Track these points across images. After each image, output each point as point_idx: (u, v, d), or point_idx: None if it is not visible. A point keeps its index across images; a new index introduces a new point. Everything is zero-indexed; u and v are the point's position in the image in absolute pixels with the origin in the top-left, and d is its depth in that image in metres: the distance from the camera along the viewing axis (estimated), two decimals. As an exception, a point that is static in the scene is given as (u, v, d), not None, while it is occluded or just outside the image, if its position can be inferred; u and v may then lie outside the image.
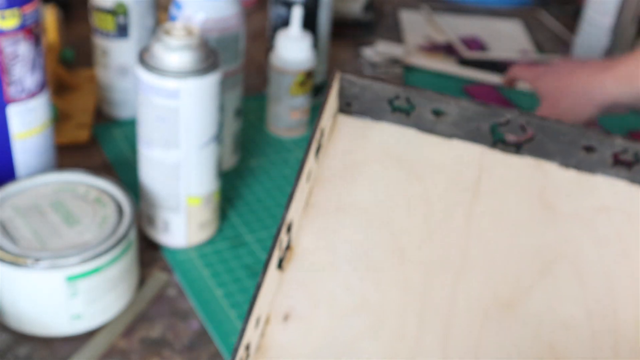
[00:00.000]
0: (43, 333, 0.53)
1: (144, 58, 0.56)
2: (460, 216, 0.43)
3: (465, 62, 0.97)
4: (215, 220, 0.64)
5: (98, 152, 0.73)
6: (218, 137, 0.60)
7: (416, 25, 1.07)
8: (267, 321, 0.39)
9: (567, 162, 0.46)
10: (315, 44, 0.80)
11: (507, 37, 1.05)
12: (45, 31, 0.77)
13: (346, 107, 0.48)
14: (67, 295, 0.51)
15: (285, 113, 0.77)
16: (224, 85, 0.65)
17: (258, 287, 0.37)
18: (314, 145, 0.42)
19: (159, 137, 0.57)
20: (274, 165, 0.74)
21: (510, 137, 0.46)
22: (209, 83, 0.56)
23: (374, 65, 0.88)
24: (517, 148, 0.46)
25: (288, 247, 0.41)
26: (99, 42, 0.74)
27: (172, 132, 0.57)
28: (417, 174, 0.44)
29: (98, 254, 0.51)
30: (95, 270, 0.51)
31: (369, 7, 1.03)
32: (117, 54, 0.74)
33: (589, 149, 0.45)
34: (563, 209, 0.43)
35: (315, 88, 0.83)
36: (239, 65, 0.68)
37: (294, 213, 0.41)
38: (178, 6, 0.65)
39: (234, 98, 0.69)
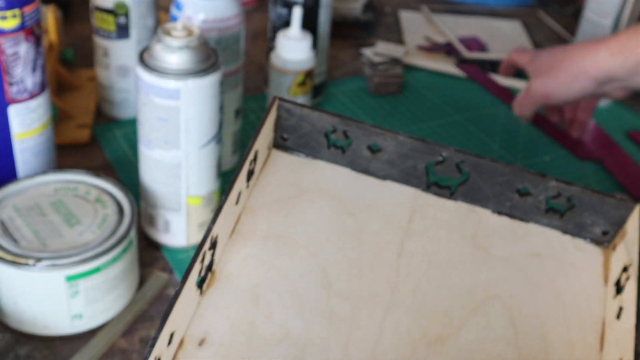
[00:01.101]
0: (43, 333, 0.53)
1: (144, 58, 0.56)
2: (391, 253, 0.42)
3: (464, 62, 0.97)
4: (215, 220, 0.64)
5: (98, 152, 0.73)
6: (218, 137, 0.60)
7: (416, 25, 1.07)
8: (181, 344, 0.37)
9: (500, 207, 0.45)
10: (315, 44, 0.80)
11: (506, 38, 1.05)
12: (46, 31, 0.78)
13: (282, 140, 0.47)
14: (67, 295, 0.51)
15: (286, 113, 0.77)
16: (224, 86, 0.65)
17: (176, 295, 0.35)
18: (245, 167, 0.41)
19: (159, 137, 0.57)
20: (274, 165, 0.74)
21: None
22: (209, 83, 0.56)
23: (374, 65, 0.88)
24: (450, 192, 0.46)
25: (210, 270, 0.39)
26: (100, 42, 0.74)
27: (173, 132, 0.57)
28: (350, 211, 0.44)
29: (98, 254, 0.51)
30: (96, 270, 0.51)
31: (369, 7, 1.03)
32: (118, 54, 0.74)
33: (523, 194, 0.44)
34: (496, 252, 0.43)
35: (315, 88, 0.83)
36: (239, 65, 0.68)
37: (220, 229, 0.39)
38: (178, 6, 0.65)
39: (234, 98, 0.69)
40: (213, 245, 0.39)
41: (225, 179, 0.71)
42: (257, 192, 0.44)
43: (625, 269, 0.41)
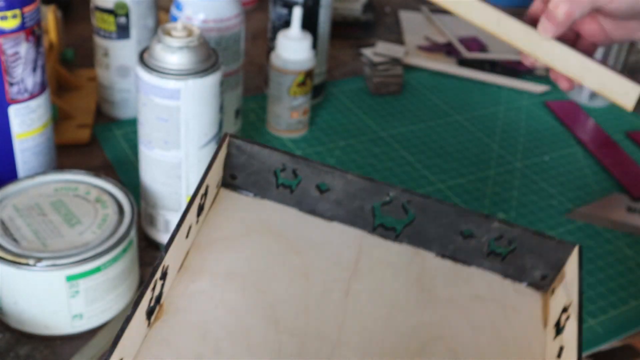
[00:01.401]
0: (44, 332, 0.53)
1: (144, 58, 0.56)
2: (338, 292, 0.43)
3: (464, 63, 0.97)
4: (215, 220, 0.64)
5: (99, 152, 0.73)
6: (218, 137, 0.60)
7: (416, 25, 1.07)
8: None
9: (444, 249, 0.46)
10: (315, 44, 0.80)
11: (506, 38, 1.05)
12: (46, 31, 0.78)
13: (231, 179, 0.47)
14: (68, 295, 0.51)
15: (285, 113, 0.77)
16: (224, 86, 0.65)
17: (127, 320, 0.35)
18: (196, 201, 0.41)
19: (159, 137, 0.57)
20: (274, 165, 0.74)
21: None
22: (209, 83, 0.56)
23: (374, 65, 0.88)
24: (396, 234, 0.47)
25: (159, 302, 0.39)
26: (100, 42, 0.74)
27: (173, 132, 0.57)
28: (297, 250, 0.44)
29: (99, 254, 0.51)
30: (96, 270, 0.52)
31: (369, 7, 1.03)
32: (118, 54, 0.74)
33: (466, 236, 0.45)
34: (440, 294, 0.44)
35: (315, 88, 0.83)
36: (239, 65, 0.68)
37: (170, 261, 0.39)
38: (179, 7, 0.65)
39: (234, 98, 0.69)
40: (164, 276, 0.39)
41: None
42: (205, 229, 0.44)
43: (564, 309, 0.42)
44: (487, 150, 0.80)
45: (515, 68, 0.96)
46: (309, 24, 0.79)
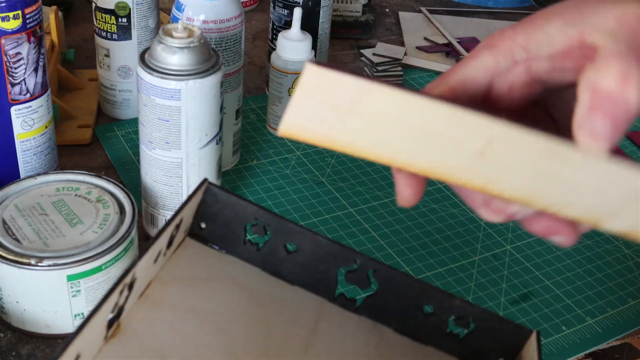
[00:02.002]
0: (45, 332, 0.53)
1: (145, 59, 0.57)
2: (298, 345, 0.43)
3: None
4: (216, 220, 0.64)
5: (100, 152, 0.74)
6: (219, 138, 0.60)
7: (415, 26, 1.07)
8: None
9: (403, 325, 0.46)
10: (315, 45, 0.81)
11: (506, 38, 1.05)
12: (48, 32, 0.78)
13: (199, 229, 0.47)
14: (69, 294, 0.52)
15: (286, 113, 0.77)
16: (225, 86, 0.66)
17: (89, 317, 0.34)
18: (170, 228, 0.41)
19: (160, 137, 0.57)
20: (274, 165, 0.74)
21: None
22: (210, 83, 0.56)
23: (373, 65, 0.88)
24: (356, 306, 0.46)
25: (118, 318, 0.39)
26: (101, 43, 0.74)
27: (174, 133, 0.57)
28: (259, 302, 0.45)
29: (100, 254, 0.51)
30: (97, 270, 0.52)
31: (368, 8, 1.03)
32: (119, 55, 0.74)
33: (427, 314, 0.45)
34: None
35: (316, 89, 0.83)
36: (239, 65, 0.68)
37: (139, 273, 0.39)
38: (179, 7, 0.65)
39: (235, 98, 0.69)
40: (130, 288, 0.39)
41: (226, 179, 0.71)
42: (168, 267, 0.44)
43: None
44: (486, 151, 0.81)
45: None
46: (309, 24, 0.79)
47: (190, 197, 0.43)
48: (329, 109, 0.27)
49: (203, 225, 0.47)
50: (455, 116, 0.29)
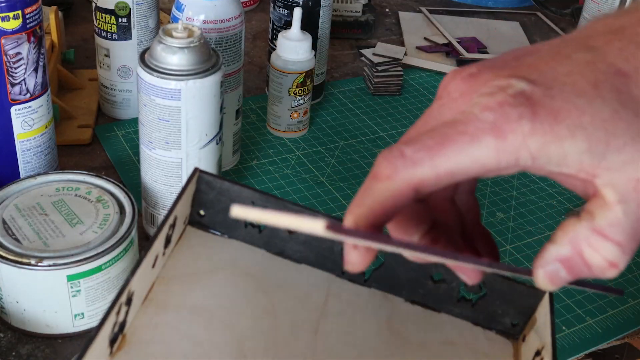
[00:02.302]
0: (45, 332, 0.53)
1: (145, 59, 0.57)
2: (306, 331, 0.42)
3: (463, 63, 0.97)
4: (216, 220, 0.64)
5: (100, 152, 0.74)
6: (219, 137, 0.60)
7: (415, 26, 1.07)
8: None
9: (414, 294, 0.45)
10: (315, 45, 0.81)
11: (505, 38, 1.05)
12: (48, 32, 0.78)
13: (198, 217, 0.46)
14: (69, 294, 0.52)
15: (286, 113, 0.77)
16: (225, 86, 0.66)
17: (88, 342, 0.34)
18: (164, 231, 0.41)
19: (160, 137, 0.57)
20: (274, 165, 0.74)
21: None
22: (210, 83, 0.56)
23: (373, 65, 0.88)
24: (364, 278, 0.46)
25: (122, 331, 0.39)
26: (101, 42, 0.74)
27: (174, 132, 0.57)
28: (265, 289, 0.44)
29: (100, 254, 0.51)
30: (97, 270, 0.52)
31: (368, 8, 1.03)
32: (119, 55, 0.74)
33: (436, 281, 0.45)
34: (410, 338, 0.44)
35: (315, 88, 0.83)
36: (239, 65, 0.68)
37: (136, 286, 0.39)
38: (179, 7, 0.65)
39: (235, 98, 0.69)
40: (129, 302, 0.38)
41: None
42: (170, 263, 0.44)
43: (537, 353, 0.41)
44: (486, 151, 0.81)
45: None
46: (309, 24, 0.79)
47: (183, 190, 0.43)
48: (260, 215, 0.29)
49: (202, 213, 0.46)
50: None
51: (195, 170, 0.45)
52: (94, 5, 0.73)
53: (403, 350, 0.43)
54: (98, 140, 0.75)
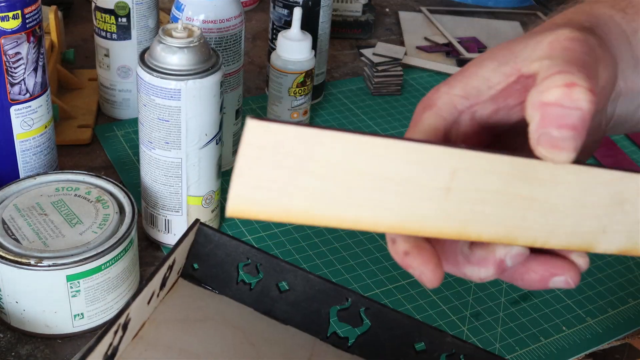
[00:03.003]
0: (45, 332, 0.53)
1: (145, 59, 0.56)
2: None
3: (464, 63, 0.97)
4: (215, 220, 0.64)
5: (99, 152, 0.73)
6: (219, 137, 0.60)
7: (415, 26, 1.07)
8: None
9: None
10: (315, 45, 0.81)
11: (506, 38, 1.05)
12: (47, 32, 0.78)
13: (192, 270, 0.47)
14: (68, 295, 0.52)
15: (286, 113, 0.77)
16: (225, 86, 0.66)
17: (85, 355, 0.34)
18: (163, 269, 0.41)
19: (160, 137, 0.57)
20: (275, 165, 0.74)
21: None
22: (209, 83, 0.56)
23: (373, 65, 0.88)
24: (348, 345, 0.46)
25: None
26: (101, 42, 0.74)
27: (173, 132, 0.57)
28: (251, 341, 0.45)
29: (99, 254, 0.51)
30: (97, 270, 0.52)
31: (368, 8, 1.03)
32: (119, 55, 0.74)
33: (418, 351, 0.45)
34: None
35: (315, 88, 0.83)
36: (239, 65, 0.68)
37: (134, 312, 0.39)
38: (179, 7, 0.65)
39: (235, 98, 0.69)
40: (124, 328, 0.39)
41: (226, 179, 0.71)
42: (162, 308, 0.44)
43: None
44: (486, 151, 0.80)
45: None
46: (309, 24, 0.79)
47: (182, 238, 0.44)
48: (278, 171, 0.24)
49: (196, 266, 0.47)
50: (413, 152, 0.26)
51: (196, 221, 0.45)
52: (93, 5, 0.72)
53: None
54: (98, 140, 0.75)
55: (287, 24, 0.78)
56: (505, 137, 0.36)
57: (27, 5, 0.55)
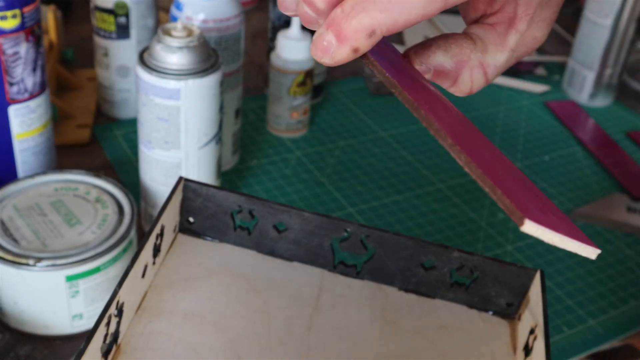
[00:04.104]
0: (44, 332, 0.53)
1: (144, 58, 0.56)
2: (300, 328, 0.43)
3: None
4: (215, 220, 0.64)
5: (98, 152, 0.73)
6: (218, 137, 0.60)
7: (416, 26, 1.07)
8: None
9: (406, 283, 0.46)
10: (315, 44, 0.80)
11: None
12: (46, 31, 0.78)
13: (188, 224, 0.47)
14: (67, 295, 0.51)
15: (285, 113, 0.77)
16: (224, 86, 0.65)
17: (79, 355, 0.34)
18: (151, 240, 0.41)
19: (159, 137, 0.57)
20: (274, 165, 0.74)
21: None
22: (209, 83, 0.56)
23: (374, 65, 0.88)
24: (357, 271, 0.47)
25: (116, 342, 0.39)
26: (100, 42, 0.74)
27: (173, 132, 0.57)
28: (257, 289, 0.45)
29: (98, 254, 0.51)
30: (96, 270, 0.52)
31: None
32: (118, 54, 0.74)
33: (427, 268, 0.45)
34: (405, 325, 0.44)
35: (315, 88, 0.83)
36: (239, 65, 0.68)
37: (126, 297, 0.39)
38: (179, 6, 0.65)
39: (234, 98, 0.69)
40: (119, 313, 0.39)
41: (225, 179, 0.71)
42: (163, 271, 0.45)
43: (531, 331, 0.42)
44: (487, 150, 0.80)
45: (515, 68, 0.96)
46: (309, 24, 0.79)
47: (168, 200, 0.44)
48: None
49: (191, 220, 0.47)
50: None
51: (180, 179, 0.45)
52: (92, 4, 0.72)
53: (398, 338, 0.43)
54: (97, 140, 0.75)
55: (287, 24, 0.77)
56: None
57: (25, 4, 0.55)
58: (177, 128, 0.56)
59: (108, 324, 0.37)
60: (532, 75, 0.96)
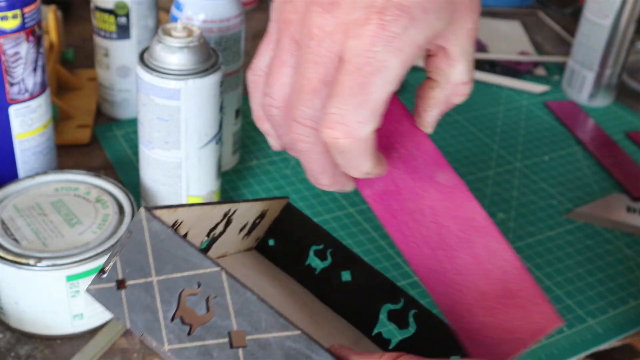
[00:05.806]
0: (44, 332, 0.53)
1: (144, 58, 0.56)
2: None
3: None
4: (215, 220, 0.64)
5: (99, 152, 0.73)
6: (218, 137, 0.60)
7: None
8: None
9: None
10: (316, 45, 0.80)
11: (506, 38, 1.05)
12: (46, 32, 0.78)
13: (266, 245, 0.49)
14: (68, 295, 0.51)
15: (286, 113, 0.77)
16: (225, 86, 0.65)
17: None
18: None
19: (159, 137, 0.57)
20: (274, 165, 0.74)
21: None
22: (209, 83, 0.56)
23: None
24: (389, 347, 0.47)
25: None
26: (100, 42, 0.74)
27: (173, 132, 0.57)
28: (310, 312, 0.47)
29: (99, 254, 0.51)
30: (97, 270, 0.52)
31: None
32: (118, 55, 0.74)
33: None
34: None
35: (316, 88, 0.83)
36: (239, 65, 0.68)
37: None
38: (179, 7, 0.65)
39: (234, 98, 0.69)
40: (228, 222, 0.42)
41: (225, 179, 0.71)
42: (228, 261, 0.46)
43: None
44: (487, 150, 0.80)
45: (515, 68, 0.96)
46: (309, 24, 0.78)
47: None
48: None
49: (271, 242, 0.49)
50: None
51: (285, 197, 0.48)
52: (92, 4, 0.72)
53: None
54: (97, 140, 0.75)
55: (287, 24, 0.77)
56: None
57: (26, 4, 0.55)
58: (177, 128, 0.57)
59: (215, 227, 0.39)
60: (531, 75, 0.96)
